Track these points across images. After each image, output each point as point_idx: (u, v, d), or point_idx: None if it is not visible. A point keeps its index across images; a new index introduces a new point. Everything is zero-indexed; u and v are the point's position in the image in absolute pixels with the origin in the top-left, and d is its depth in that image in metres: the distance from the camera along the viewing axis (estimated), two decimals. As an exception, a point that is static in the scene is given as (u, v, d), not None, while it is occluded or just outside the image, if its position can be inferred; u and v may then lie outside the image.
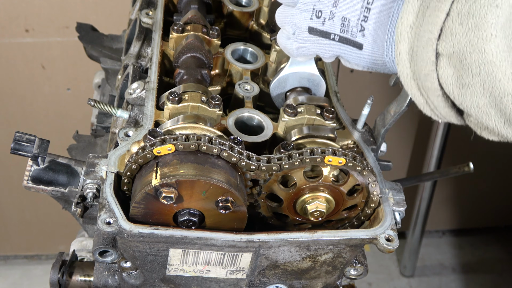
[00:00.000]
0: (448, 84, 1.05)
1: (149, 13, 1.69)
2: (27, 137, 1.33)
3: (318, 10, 1.22)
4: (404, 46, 1.08)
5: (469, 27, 0.99)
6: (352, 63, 1.25)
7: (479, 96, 1.02)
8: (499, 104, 1.00)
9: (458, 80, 1.03)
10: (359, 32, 1.18)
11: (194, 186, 1.21)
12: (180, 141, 1.24)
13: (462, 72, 1.02)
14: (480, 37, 0.98)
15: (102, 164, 1.32)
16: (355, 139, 1.46)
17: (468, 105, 1.04)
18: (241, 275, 1.35)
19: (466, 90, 1.03)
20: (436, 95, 1.08)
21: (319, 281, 1.41)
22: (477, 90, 1.01)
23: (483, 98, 1.01)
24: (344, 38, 1.21)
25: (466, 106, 1.05)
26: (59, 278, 1.46)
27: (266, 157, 1.29)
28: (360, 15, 1.17)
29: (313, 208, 1.32)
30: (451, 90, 1.05)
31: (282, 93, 1.49)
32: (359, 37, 1.19)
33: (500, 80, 0.98)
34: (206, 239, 1.24)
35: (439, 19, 1.02)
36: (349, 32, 1.19)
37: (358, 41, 1.19)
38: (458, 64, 1.02)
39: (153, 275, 1.35)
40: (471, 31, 0.99)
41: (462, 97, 1.04)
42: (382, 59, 1.18)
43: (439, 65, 1.05)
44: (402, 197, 1.37)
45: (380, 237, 1.29)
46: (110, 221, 1.22)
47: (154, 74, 1.50)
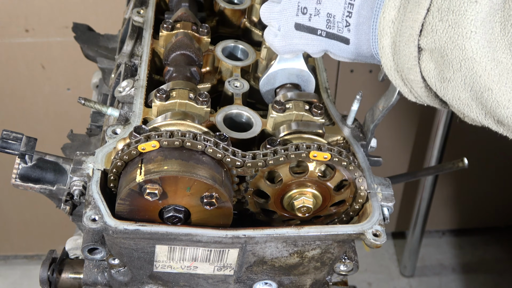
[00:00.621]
0: (431, 77, 1.06)
1: (141, 12, 1.70)
2: (14, 135, 1.33)
3: (303, 7, 1.23)
4: (386, 41, 1.09)
5: (449, 23, 1.00)
6: (340, 57, 1.25)
7: (460, 90, 1.03)
8: (480, 98, 1.01)
9: (439, 74, 1.04)
10: (345, 28, 1.18)
11: (178, 182, 1.21)
12: (165, 138, 1.24)
13: (444, 67, 1.02)
14: (460, 34, 0.99)
15: (89, 162, 1.32)
16: (345, 135, 1.46)
17: (450, 98, 1.05)
18: (228, 271, 1.35)
19: (447, 84, 1.04)
20: (420, 86, 1.09)
21: (308, 277, 1.40)
22: (458, 84, 1.02)
23: (464, 92, 1.02)
24: (331, 34, 1.21)
25: (448, 98, 1.06)
26: (49, 275, 1.47)
27: (251, 153, 1.29)
28: (345, 11, 1.17)
29: (300, 204, 1.32)
30: (434, 83, 1.06)
31: (272, 89, 1.49)
32: (345, 32, 1.19)
33: (480, 76, 0.99)
34: (192, 235, 1.23)
35: (420, 15, 1.03)
36: (335, 28, 1.20)
37: (345, 36, 1.19)
38: (440, 60, 1.02)
39: (141, 271, 1.35)
40: (451, 27, 0.99)
41: (444, 90, 1.05)
42: (369, 52, 1.19)
43: (421, 59, 1.06)
44: (390, 192, 1.36)
45: (367, 232, 1.28)
46: (96, 218, 1.22)
47: (144, 72, 1.50)
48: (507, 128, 1.05)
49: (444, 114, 3.15)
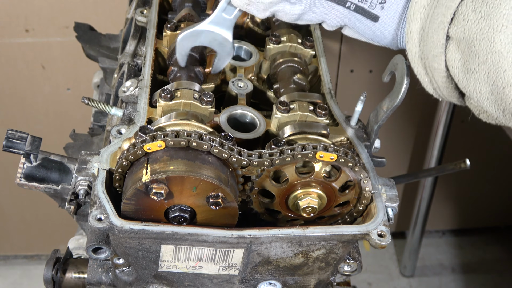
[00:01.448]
0: (455, 67, 1.06)
1: (144, 12, 1.70)
2: (19, 135, 1.33)
3: None
4: (415, 26, 1.08)
5: (482, 15, 1.00)
6: (359, 34, 1.22)
7: (483, 83, 1.03)
8: (501, 93, 1.01)
9: (464, 65, 1.04)
10: (379, 4, 1.15)
11: (184, 182, 1.22)
12: (170, 138, 1.24)
13: (470, 58, 1.02)
14: (491, 26, 0.99)
15: (94, 161, 1.32)
16: (349, 135, 1.46)
17: (471, 90, 1.05)
18: (233, 271, 1.35)
19: (471, 76, 1.04)
20: (441, 76, 1.09)
21: (312, 277, 1.40)
22: (481, 77, 1.02)
23: (486, 85, 1.02)
24: (361, 8, 1.17)
25: (469, 90, 1.06)
26: (53, 275, 1.46)
27: (257, 153, 1.29)
28: None
29: (305, 204, 1.32)
30: (457, 74, 1.06)
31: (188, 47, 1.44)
32: (377, 9, 1.16)
33: (505, 71, 0.99)
34: (197, 235, 1.24)
35: (454, 3, 1.03)
36: (367, 3, 1.16)
37: (375, 13, 1.16)
38: (467, 50, 1.03)
39: (146, 271, 1.35)
40: (483, 19, 1.00)
41: (467, 81, 1.05)
42: (393, 35, 1.17)
43: (448, 48, 1.05)
44: (395, 193, 1.37)
45: (372, 233, 1.28)
46: (101, 218, 1.22)
47: (148, 72, 1.50)
48: None
49: (444, 114, 3.15)
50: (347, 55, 3.12)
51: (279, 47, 1.60)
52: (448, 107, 3.12)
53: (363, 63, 3.17)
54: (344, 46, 3.06)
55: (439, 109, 3.17)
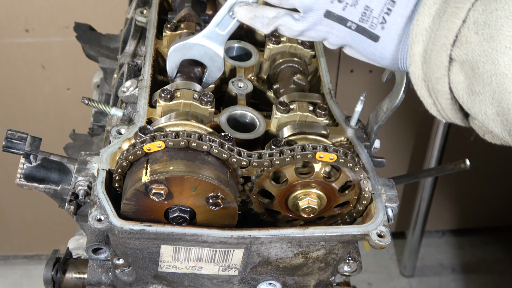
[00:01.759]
0: (459, 89, 1.05)
1: (144, 12, 1.70)
2: (19, 135, 1.33)
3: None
4: (418, 48, 1.07)
5: (484, 37, 0.99)
6: (360, 54, 1.22)
7: (488, 105, 1.02)
8: (507, 114, 1.00)
9: (468, 87, 1.03)
10: (380, 24, 1.14)
11: (184, 182, 1.22)
12: (170, 138, 1.24)
13: (474, 80, 1.02)
14: (495, 48, 0.98)
15: (93, 162, 1.32)
16: (348, 136, 1.46)
17: (476, 112, 1.05)
18: (233, 272, 1.35)
19: (475, 98, 1.03)
20: (445, 98, 1.08)
21: (312, 278, 1.40)
22: (486, 99, 1.02)
23: (491, 107, 1.02)
24: (361, 28, 1.16)
25: (474, 112, 1.05)
26: (53, 275, 1.47)
27: (257, 153, 1.29)
28: (384, 7, 1.12)
29: (305, 205, 1.32)
30: (461, 96, 1.05)
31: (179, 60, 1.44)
32: (378, 29, 1.14)
33: (510, 92, 0.98)
34: (197, 235, 1.24)
35: (455, 26, 1.02)
36: (368, 22, 1.15)
37: (376, 33, 1.15)
38: (470, 72, 1.02)
39: (146, 271, 1.35)
40: (486, 41, 0.99)
41: (471, 103, 1.04)
42: (393, 55, 1.15)
43: (451, 70, 1.05)
44: (394, 193, 1.37)
45: (372, 233, 1.28)
46: (101, 218, 1.22)
47: (147, 72, 1.50)
48: None
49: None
50: (347, 55, 3.10)
51: (279, 47, 1.60)
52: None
53: (363, 63, 3.14)
54: (344, 46, 3.06)
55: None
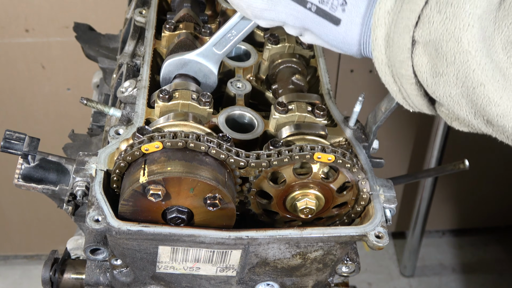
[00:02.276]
0: (422, 72, 1.04)
1: (143, 12, 1.70)
2: (17, 135, 1.33)
3: None
4: (381, 32, 1.05)
5: (447, 15, 0.98)
6: (321, 40, 1.17)
7: (452, 85, 1.01)
8: (471, 94, 0.99)
9: (432, 69, 1.02)
10: (340, 6, 1.10)
11: (181, 183, 1.21)
12: (168, 139, 1.24)
13: (437, 60, 1.01)
14: (457, 26, 0.97)
15: (92, 162, 1.32)
16: (347, 136, 1.46)
17: (441, 94, 1.03)
18: (231, 273, 1.35)
19: (439, 79, 1.02)
20: (410, 83, 1.06)
21: (310, 279, 1.40)
22: (450, 79, 1.01)
23: (455, 88, 1.01)
24: (321, 10, 1.12)
25: (438, 95, 1.04)
26: (51, 276, 1.47)
27: (255, 153, 1.29)
28: None
29: (303, 205, 1.32)
30: (425, 79, 1.04)
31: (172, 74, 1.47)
32: (339, 12, 1.11)
33: (474, 70, 0.97)
34: (195, 236, 1.24)
35: (418, 6, 1.00)
36: (328, 4, 1.11)
37: (336, 16, 1.11)
38: (434, 52, 1.01)
39: (143, 272, 1.35)
40: (449, 19, 0.98)
41: (435, 86, 1.03)
42: (355, 39, 1.12)
43: (414, 52, 1.03)
44: (393, 194, 1.36)
45: (370, 234, 1.28)
46: (99, 219, 1.22)
47: (146, 72, 1.50)
48: (497, 128, 1.03)
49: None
50: (346, 55, 3.10)
51: (277, 48, 1.60)
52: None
53: (362, 63, 3.17)
54: (344, 46, 3.06)
55: (439, 109, 3.16)
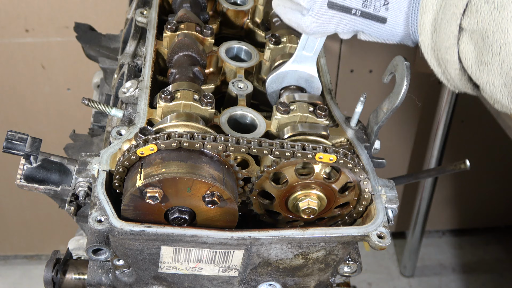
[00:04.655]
0: (468, 59, 1.06)
1: (144, 12, 1.70)
2: (19, 136, 1.33)
3: None
4: (428, 17, 1.08)
5: (495, 6, 0.99)
6: (373, 37, 1.23)
7: (496, 75, 1.02)
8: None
9: (477, 57, 1.04)
10: (383, 6, 1.16)
11: (177, 183, 1.22)
12: (162, 140, 1.24)
13: (483, 49, 1.02)
14: (505, 17, 0.98)
15: (94, 163, 1.32)
16: (349, 136, 1.46)
17: (484, 82, 1.05)
18: (233, 273, 1.35)
19: (484, 68, 1.03)
20: (454, 68, 1.09)
21: (312, 279, 1.40)
22: (494, 69, 1.02)
23: (499, 77, 1.02)
24: (367, 13, 1.18)
25: (482, 82, 1.06)
26: (53, 276, 1.46)
27: (257, 140, 1.29)
28: None
29: (305, 206, 1.32)
30: (469, 65, 1.06)
31: (277, 89, 1.49)
32: (383, 11, 1.17)
33: None
34: (197, 236, 1.24)
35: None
36: (371, 7, 1.17)
37: (381, 15, 1.17)
38: (480, 41, 1.02)
39: (146, 272, 1.35)
40: (496, 10, 0.99)
41: (480, 73, 1.05)
42: (405, 31, 1.17)
43: (461, 39, 1.05)
44: (395, 194, 1.37)
45: (372, 234, 1.28)
46: (101, 219, 1.22)
47: (148, 73, 1.50)
48: None
49: (444, 114, 3.15)
50: (347, 55, 3.11)
51: (279, 48, 1.60)
52: (448, 107, 3.12)
53: (363, 63, 3.17)
54: (344, 46, 3.06)
55: (439, 109, 3.17)
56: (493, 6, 0.99)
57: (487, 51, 1.01)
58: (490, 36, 1.00)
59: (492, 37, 1.00)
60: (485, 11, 1.00)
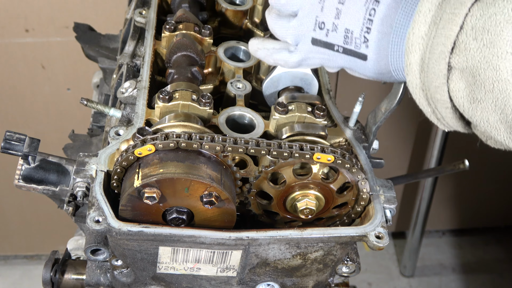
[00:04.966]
0: (459, 98, 1.04)
1: (143, 12, 1.70)
2: (17, 136, 1.33)
3: (321, 22, 1.19)
4: (415, 57, 1.06)
5: (484, 43, 0.97)
6: (357, 73, 1.23)
7: (490, 112, 1.01)
8: (510, 121, 0.99)
9: (469, 95, 1.02)
10: (363, 44, 1.15)
11: (175, 184, 1.22)
12: (159, 140, 1.24)
13: (475, 87, 1.00)
14: (495, 54, 0.96)
15: (92, 163, 1.32)
16: (347, 136, 1.46)
17: (478, 120, 1.03)
18: (231, 273, 1.35)
19: (477, 105, 1.02)
20: (445, 107, 1.07)
21: (311, 279, 1.40)
22: (488, 106, 1.00)
23: (494, 114, 1.00)
24: (348, 50, 1.18)
25: (476, 120, 1.04)
26: (52, 276, 1.47)
27: (254, 140, 1.29)
28: (363, 27, 1.14)
29: (303, 206, 1.32)
30: (462, 104, 1.04)
31: (275, 92, 1.49)
32: (363, 48, 1.16)
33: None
34: (195, 237, 1.24)
35: (453, 32, 1.00)
36: (352, 44, 1.16)
37: (362, 52, 1.16)
38: (471, 79, 1.00)
39: (144, 273, 1.35)
40: (486, 47, 0.97)
41: (473, 111, 1.03)
42: (387, 69, 1.16)
43: (450, 78, 1.03)
44: (393, 195, 1.37)
45: (370, 234, 1.28)
46: (99, 219, 1.22)
47: (146, 73, 1.50)
48: None
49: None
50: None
51: (277, 48, 1.59)
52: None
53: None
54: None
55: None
56: (482, 43, 0.97)
57: (480, 88, 1.00)
58: (482, 74, 0.98)
59: (484, 74, 0.98)
60: (474, 48, 0.98)
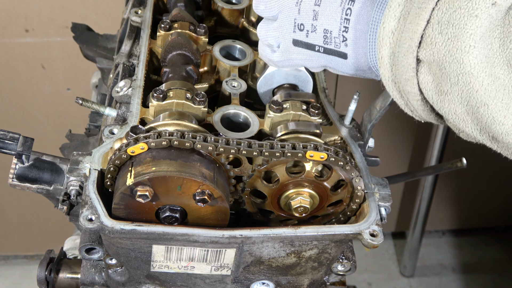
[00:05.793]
0: (428, 90, 1.06)
1: (138, 12, 1.70)
2: (11, 135, 1.33)
3: (300, 23, 1.23)
4: (385, 51, 1.09)
5: (449, 36, 0.99)
6: (339, 71, 1.26)
7: (457, 104, 1.03)
8: (476, 113, 1.01)
9: (437, 87, 1.04)
10: (342, 43, 1.19)
11: (167, 182, 1.22)
12: (152, 139, 1.24)
13: (441, 80, 1.03)
14: (459, 47, 0.98)
15: (85, 162, 1.32)
16: (342, 134, 1.46)
17: (446, 111, 1.06)
18: (226, 271, 1.35)
19: (444, 97, 1.04)
20: (416, 99, 1.10)
21: (306, 277, 1.40)
22: (455, 98, 1.03)
23: (460, 106, 1.03)
24: (329, 49, 1.22)
25: (444, 112, 1.07)
26: (46, 275, 1.47)
27: (246, 141, 1.29)
28: (341, 26, 1.18)
29: (297, 204, 1.32)
30: (431, 96, 1.07)
31: (269, 90, 1.49)
32: (343, 47, 1.20)
33: (477, 91, 0.99)
34: (188, 235, 1.24)
35: (420, 27, 1.02)
36: (332, 43, 1.20)
37: (342, 51, 1.20)
38: (438, 72, 1.03)
39: (138, 271, 1.35)
40: (450, 41, 0.99)
41: (441, 103, 1.05)
42: (366, 65, 1.20)
43: (419, 71, 1.06)
44: (388, 192, 1.36)
45: (365, 232, 1.28)
46: (92, 218, 1.22)
47: (141, 72, 1.50)
48: (502, 144, 1.06)
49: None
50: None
51: (273, 47, 1.59)
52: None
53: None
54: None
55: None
56: (447, 37, 0.99)
57: (446, 81, 1.02)
58: (447, 67, 1.00)
59: (449, 67, 1.00)
60: (440, 42, 1.00)
